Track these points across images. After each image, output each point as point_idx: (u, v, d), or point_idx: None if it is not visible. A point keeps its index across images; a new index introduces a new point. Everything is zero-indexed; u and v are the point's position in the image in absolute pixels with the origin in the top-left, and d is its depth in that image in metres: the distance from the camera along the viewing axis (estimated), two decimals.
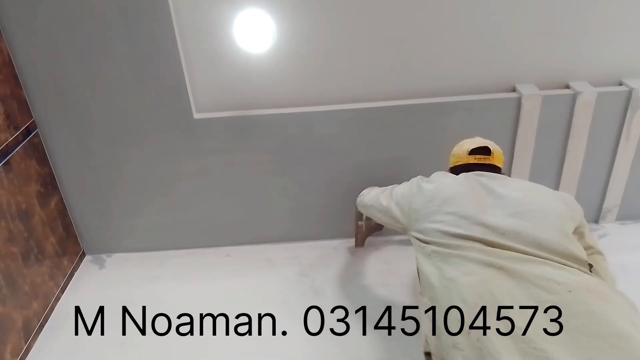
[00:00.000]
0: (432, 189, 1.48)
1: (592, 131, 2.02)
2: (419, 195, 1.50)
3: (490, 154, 1.61)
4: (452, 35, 1.91)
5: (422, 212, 1.46)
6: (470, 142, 1.67)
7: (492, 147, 1.63)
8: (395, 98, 1.99)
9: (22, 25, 1.76)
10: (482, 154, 1.61)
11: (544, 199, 1.38)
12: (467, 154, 1.63)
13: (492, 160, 1.60)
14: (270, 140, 2.01)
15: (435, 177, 1.56)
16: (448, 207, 1.40)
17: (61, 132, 1.96)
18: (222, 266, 2.15)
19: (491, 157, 1.60)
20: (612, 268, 1.45)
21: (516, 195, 1.38)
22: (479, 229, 1.31)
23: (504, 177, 1.52)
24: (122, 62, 1.83)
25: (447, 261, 1.30)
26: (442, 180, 1.51)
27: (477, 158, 1.61)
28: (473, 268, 1.25)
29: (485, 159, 1.60)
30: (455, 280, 1.25)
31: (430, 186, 1.50)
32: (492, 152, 1.61)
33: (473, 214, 1.34)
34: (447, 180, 1.50)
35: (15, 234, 1.77)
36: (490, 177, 1.49)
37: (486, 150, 1.61)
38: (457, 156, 1.68)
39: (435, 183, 1.51)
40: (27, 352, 1.78)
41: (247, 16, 1.83)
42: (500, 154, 1.64)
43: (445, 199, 1.42)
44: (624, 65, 1.99)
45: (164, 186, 2.09)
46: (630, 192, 2.16)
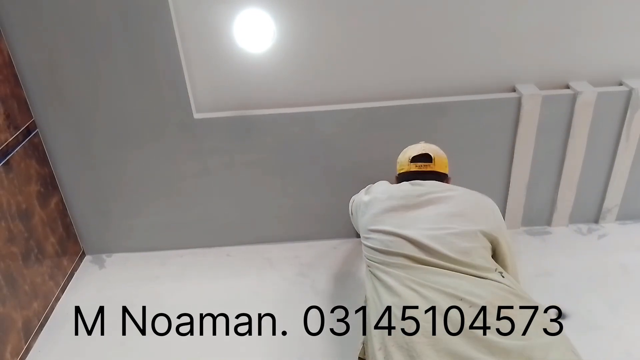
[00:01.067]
0: (367, 202, 1.55)
1: (592, 131, 2.02)
2: (360, 205, 1.58)
3: (432, 160, 1.61)
4: (452, 35, 1.91)
5: (360, 224, 1.55)
6: (413, 149, 1.68)
7: (434, 153, 1.63)
8: (396, 98, 1.99)
9: (22, 26, 1.76)
10: (423, 161, 1.62)
11: (466, 211, 1.42)
12: (409, 162, 1.65)
13: (434, 167, 1.61)
14: (270, 140, 2.01)
15: (374, 188, 1.61)
16: (376, 223, 1.46)
17: (61, 132, 1.96)
18: (222, 266, 2.15)
19: (432, 164, 1.61)
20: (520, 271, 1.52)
21: (439, 210, 1.42)
22: (402, 244, 1.37)
23: (439, 185, 1.53)
24: (122, 62, 1.83)
25: (375, 275, 1.39)
26: (377, 195, 1.55)
27: (418, 165, 1.62)
28: (393, 285, 1.31)
29: (426, 166, 1.61)
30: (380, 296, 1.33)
31: (366, 198, 1.56)
32: (434, 158, 1.62)
33: (396, 229, 1.40)
34: (381, 195, 1.54)
35: (15, 234, 1.77)
36: (427, 186, 1.52)
37: (427, 157, 1.62)
38: (400, 164, 1.70)
39: (371, 194, 1.57)
40: (27, 352, 1.78)
41: (247, 16, 1.83)
42: (442, 159, 1.65)
43: (374, 214, 1.48)
44: (624, 65, 1.99)
45: (164, 186, 2.09)
46: (630, 192, 2.16)
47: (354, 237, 2.17)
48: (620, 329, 1.73)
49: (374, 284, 1.39)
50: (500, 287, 1.26)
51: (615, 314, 1.79)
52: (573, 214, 2.21)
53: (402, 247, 1.37)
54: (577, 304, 1.82)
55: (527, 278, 1.96)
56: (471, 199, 1.50)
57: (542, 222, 2.25)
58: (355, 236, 2.17)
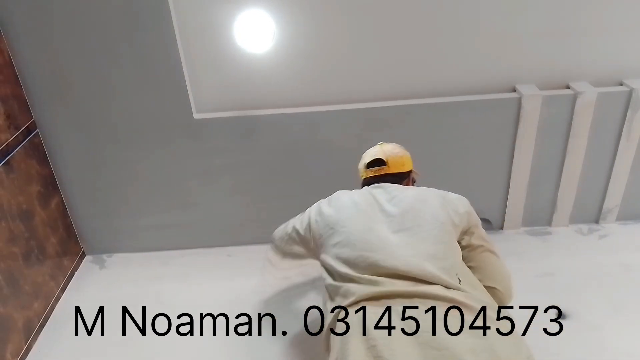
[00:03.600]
0: (329, 215, 1.49)
1: (593, 131, 2.01)
2: (320, 218, 1.52)
3: (385, 163, 1.60)
4: (453, 36, 1.91)
5: (321, 240, 1.48)
6: (368, 154, 1.67)
7: (387, 155, 1.62)
8: (396, 98, 1.99)
9: (22, 26, 1.76)
10: (377, 165, 1.61)
11: (426, 212, 1.40)
12: (365, 168, 1.65)
13: (388, 169, 1.60)
14: (271, 140, 2.01)
15: (334, 199, 1.56)
16: (337, 236, 1.42)
17: (62, 132, 1.96)
18: (223, 266, 2.15)
19: (386, 167, 1.60)
20: (506, 264, 1.48)
21: (398, 212, 1.41)
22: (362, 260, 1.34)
23: (396, 187, 1.51)
24: (122, 62, 1.83)
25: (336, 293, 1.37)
26: (336, 207, 1.51)
27: (373, 171, 1.62)
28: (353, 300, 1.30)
29: (379, 170, 1.61)
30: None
31: (331, 210, 1.51)
32: (386, 160, 1.61)
33: (357, 242, 1.37)
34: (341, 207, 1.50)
35: (16, 234, 1.77)
36: (385, 189, 1.51)
37: (380, 162, 1.61)
38: (360, 171, 1.70)
39: (333, 207, 1.52)
40: (28, 352, 1.78)
41: (248, 16, 1.83)
42: (396, 159, 1.62)
43: (334, 227, 1.44)
44: (625, 65, 1.99)
45: (164, 186, 2.09)
46: (630, 192, 2.16)
47: None
48: (620, 329, 1.72)
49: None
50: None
51: (615, 314, 1.79)
52: (573, 214, 2.21)
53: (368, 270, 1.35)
54: (577, 304, 1.82)
55: (527, 278, 1.96)
56: (435, 198, 1.46)
57: (542, 222, 2.24)
58: None
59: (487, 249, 1.46)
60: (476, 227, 1.47)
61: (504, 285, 1.43)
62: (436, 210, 1.41)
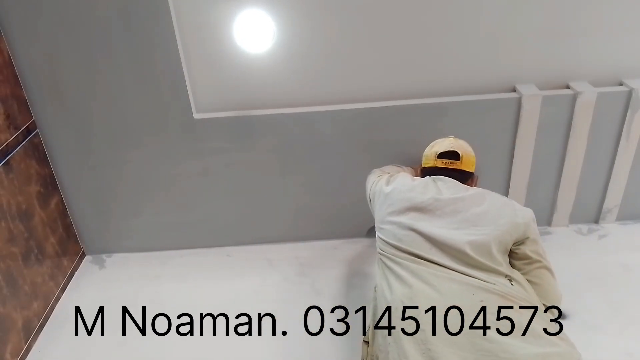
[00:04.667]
0: (387, 194, 1.52)
1: (592, 131, 2.01)
2: (379, 194, 1.55)
3: (459, 158, 1.59)
4: (452, 36, 1.91)
5: (377, 214, 1.52)
6: (441, 144, 1.65)
7: (462, 150, 1.61)
8: (396, 98, 1.99)
9: (22, 26, 1.76)
10: (451, 159, 1.60)
11: (488, 214, 1.40)
12: (436, 157, 1.63)
13: (461, 165, 1.59)
14: (270, 140, 2.01)
15: (397, 180, 1.57)
16: (392, 215, 1.44)
17: (61, 132, 1.96)
18: (223, 266, 2.15)
19: (459, 162, 1.59)
20: (558, 284, 1.48)
21: (452, 219, 1.40)
22: (415, 240, 1.36)
23: (459, 186, 1.51)
24: (122, 62, 1.83)
25: (387, 266, 1.38)
26: (398, 187, 1.52)
27: (444, 162, 1.60)
28: (404, 276, 1.31)
29: (452, 163, 1.59)
30: (389, 287, 1.33)
31: (387, 189, 1.53)
32: (461, 156, 1.59)
33: (412, 223, 1.39)
34: (401, 187, 1.51)
35: (15, 234, 1.77)
36: (449, 184, 1.50)
37: (455, 155, 1.60)
38: (426, 157, 1.68)
39: (392, 185, 1.54)
40: (27, 352, 1.78)
41: (247, 16, 1.83)
42: (470, 158, 1.62)
43: (392, 209, 1.46)
44: (624, 65, 1.99)
45: (164, 186, 2.09)
46: (630, 192, 2.16)
47: (354, 237, 2.17)
48: (620, 329, 1.73)
49: (385, 273, 1.38)
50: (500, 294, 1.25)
51: (615, 314, 1.79)
52: (573, 214, 2.21)
53: (413, 244, 1.36)
54: (577, 304, 1.82)
55: None
56: (496, 202, 1.46)
57: (542, 222, 2.24)
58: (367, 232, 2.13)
59: (545, 266, 1.44)
60: (534, 241, 1.44)
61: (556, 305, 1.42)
62: (496, 215, 1.40)
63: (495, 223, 1.39)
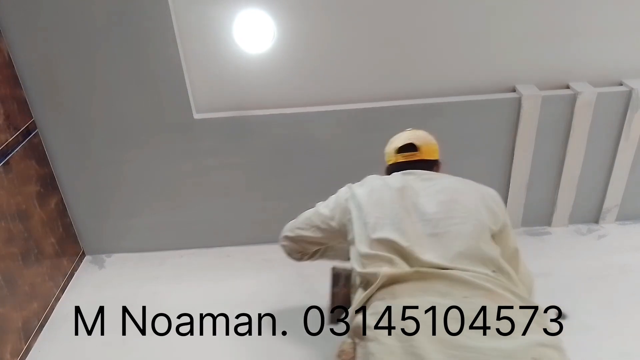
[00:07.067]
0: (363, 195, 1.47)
1: (592, 131, 2.02)
2: (352, 201, 1.48)
3: (418, 149, 1.57)
4: (452, 36, 1.91)
5: (348, 223, 1.46)
6: (398, 139, 1.63)
7: (419, 141, 1.58)
8: (395, 98, 1.99)
9: (22, 26, 1.76)
10: (409, 151, 1.57)
11: (465, 206, 1.36)
12: (396, 153, 1.60)
13: (421, 155, 1.57)
14: (269, 140, 2.01)
15: (366, 182, 1.53)
16: (367, 218, 1.39)
17: (61, 132, 1.96)
18: (222, 266, 2.14)
19: (419, 153, 1.57)
20: (532, 273, 1.44)
21: (433, 202, 1.37)
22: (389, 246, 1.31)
23: (431, 175, 1.49)
24: (121, 63, 1.83)
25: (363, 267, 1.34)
26: (365, 190, 1.48)
27: (404, 156, 1.58)
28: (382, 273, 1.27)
29: (412, 155, 1.57)
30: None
31: (361, 191, 1.48)
32: (419, 146, 1.57)
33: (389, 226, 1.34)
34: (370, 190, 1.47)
35: (15, 235, 1.77)
36: (418, 176, 1.47)
37: (412, 147, 1.58)
38: (388, 155, 1.65)
39: (365, 187, 1.49)
40: (27, 352, 1.78)
41: (247, 16, 1.83)
42: (429, 146, 1.59)
43: (364, 210, 1.42)
44: (624, 65, 1.99)
45: (163, 186, 2.09)
46: (630, 192, 2.16)
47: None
48: (619, 329, 1.73)
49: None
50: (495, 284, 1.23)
51: (614, 314, 1.79)
52: (573, 214, 2.21)
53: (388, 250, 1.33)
54: (576, 304, 1.82)
55: None
56: (467, 187, 1.43)
57: (542, 222, 2.25)
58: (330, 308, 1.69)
59: (516, 247, 1.41)
60: (508, 225, 1.41)
61: (529, 287, 1.39)
62: (476, 205, 1.37)
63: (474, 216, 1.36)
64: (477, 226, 1.32)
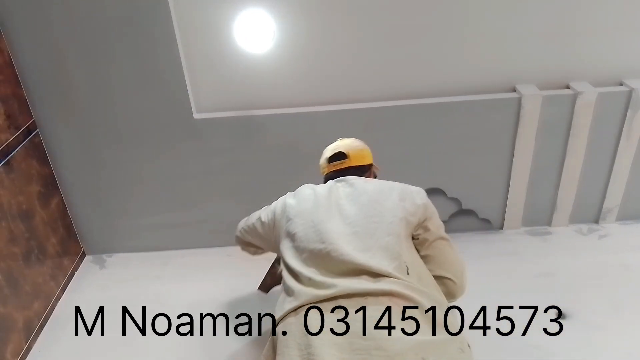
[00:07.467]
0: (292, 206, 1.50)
1: (593, 131, 2.01)
2: (283, 209, 1.52)
3: (346, 157, 1.61)
4: (452, 36, 1.91)
5: (280, 230, 1.49)
6: (328, 150, 1.68)
7: (347, 148, 1.63)
8: (396, 98, 2.00)
9: (22, 26, 1.76)
10: (339, 159, 1.62)
11: (384, 206, 1.39)
12: (327, 163, 1.66)
13: (350, 162, 1.61)
14: (271, 140, 2.01)
15: (298, 191, 1.56)
16: (293, 227, 1.42)
17: (62, 132, 1.96)
18: (223, 266, 2.14)
19: (348, 160, 1.61)
20: (459, 253, 1.46)
21: (355, 206, 1.40)
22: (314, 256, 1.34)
23: (357, 180, 1.51)
24: (122, 62, 1.84)
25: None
26: (298, 199, 1.51)
27: (335, 165, 1.63)
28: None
29: (341, 163, 1.61)
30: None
31: (292, 202, 1.52)
32: (347, 154, 1.61)
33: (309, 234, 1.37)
34: (302, 200, 1.50)
35: (16, 234, 1.77)
36: (347, 182, 1.51)
37: (341, 155, 1.62)
38: (321, 167, 1.71)
39: (296, 199, 1.52)
40: (28, 352, 1.78)
41: (248, 16, 1.83)
42: (358, 152, 1.63)
43: (292, 219, 1.45)
44: (625, 65, 1.99)
45: (164, 186, 2.09)
46: (630, 192, 2.16)
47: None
48: (620, 329, 1.72)
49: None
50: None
51: (615, 314, 1.79)
52: (573, 214, 2.21)
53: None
54: (577, 304, 1.82)
55: (527, 278, 1.97)
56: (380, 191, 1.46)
57: (542, 222, 2.24)
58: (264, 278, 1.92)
59: (441, 237, 1.44)
60: (430, 219, 1.44)
61: (458, 274, 1.41)
62: (394, 204, 1.40)
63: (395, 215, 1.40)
64: (394, 223, 1.36)
